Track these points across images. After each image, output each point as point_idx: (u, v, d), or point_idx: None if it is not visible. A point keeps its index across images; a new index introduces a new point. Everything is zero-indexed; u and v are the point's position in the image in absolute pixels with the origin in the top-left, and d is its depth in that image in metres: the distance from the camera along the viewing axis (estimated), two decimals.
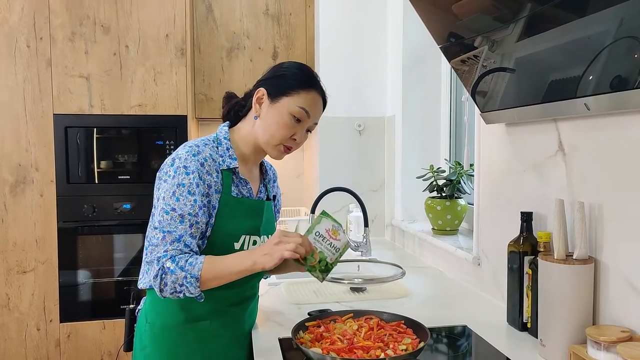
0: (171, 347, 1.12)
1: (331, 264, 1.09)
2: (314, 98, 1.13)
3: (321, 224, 1.07)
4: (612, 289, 0.99)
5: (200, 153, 1.09)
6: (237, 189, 1.14)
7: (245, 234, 1.14)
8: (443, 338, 1.19)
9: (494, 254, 1.44)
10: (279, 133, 1.11)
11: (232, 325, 1.18)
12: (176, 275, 0.99)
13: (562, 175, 1.14)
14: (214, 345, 1.14)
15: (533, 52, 1.05)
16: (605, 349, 0.91)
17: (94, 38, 2.26)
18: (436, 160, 2.22)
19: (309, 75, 1.15)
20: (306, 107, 1.11)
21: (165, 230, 1.03)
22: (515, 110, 1.19)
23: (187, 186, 1.05)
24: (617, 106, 0.89)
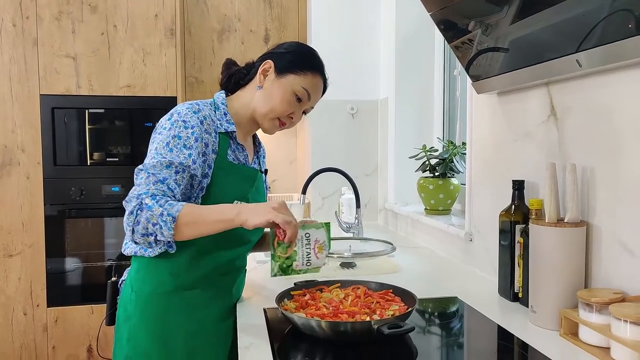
0: (158, 316, 1.07)
1: (292, 269, 1.01)
2: (318, 83, 1.15)
3: (318, 231, 1.02)
4: (605, 251, 0.97)
5: (200, 111, 1.07)
6: (234, 154, 1.13)
7: (237, 199, 1.12)
8: (433, 307, 1.16)
9: (486, 229, 1.41)
10: (279, 108, 1.12)
11: (221, 296, 1.15)
12: (152, 212, 0.92)
13: (554, 141, 1.12)
14: (204, 315, 1.11)
15: (527, 33, 1.04)
16: (597, 310, 0.88)
17: (81, 17, 2.21)
18: (429, 143, 2.19)
19: (318, 60, 1.17)
20: (309, 89, 1.13)
21: (150, 172, 0.99)
22: (507, 76, 1.17)
23: (184, 139, 1.02)
24: (609, 59, 0.86)
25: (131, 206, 0.95)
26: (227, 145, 1.11)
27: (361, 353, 0.88)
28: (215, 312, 1.13)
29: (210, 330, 1.12)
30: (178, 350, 1.07)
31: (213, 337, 1.12)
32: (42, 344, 2.26)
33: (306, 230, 1.03)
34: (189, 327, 1.08)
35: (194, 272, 1.08)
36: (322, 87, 1.18)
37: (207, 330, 1.11)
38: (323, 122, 2.42)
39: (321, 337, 0.93)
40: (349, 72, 2.42)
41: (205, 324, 1.11)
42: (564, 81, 1.07)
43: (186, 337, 1.08)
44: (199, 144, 1.03)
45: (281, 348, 0.92)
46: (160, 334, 1.07)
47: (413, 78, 2.20)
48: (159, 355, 1.07)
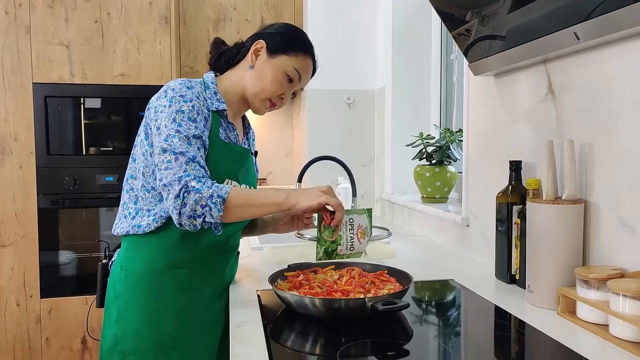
0: (148, 295, 1.06)
1: (337, 254, 1.04)
2: (308, 64, 1.15)
3: (361, 217, 1.04)
4: (603, 228, 0.95)
5: (193, 87, 1.07)
6: (225, 132, 1.13)
7: (228, 177, 1.11)
8: (429, 288, 1.15)
9: (483, 214, 1.39)
10: (271, 88, 1.11)
11: (213, 276, 1.14)
12: (201, 195, 0.93)
13: (551, 119, 1.10)
14: (194, 295, 1.09)
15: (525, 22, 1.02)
16: (595, 287, 0.86)
17: (74, 5, 2.19)
18: (427, 132, 2.17)
19: (308, 42, 1.17)
20: (301, 70, 1.12)
21: (176, 151, 0.97)
22: (504, 54, 1.15)
23: (187, 112, 1.01)
24: (608, 29, 0.84)
25: (176, 190, 0.95)
26: (219, 124, 1.10)
27: (355, 332, 0.87)
28: (206, 292, 1.11)
29: (200, 311, 1.10)
30: (167, 330, 1.06)
31: (203, 317, 1.10)
32: (36, 335, 2.24)
33: (350, 216, 1.04)
34: (179, 307, 1.07)
35: (184, 250, 1.07)
36: (312, 69, 1.18)
37: (197, 310, 1.10)
38: (319, 113, 2.40)
39: (315, 316, 0.91)
40: (346, 62, 2.40)
41: (196, 304, 1.10)
42: (561, 58, 1.05)
43: (176, 316, 1.07)
44: (200, 116, 1.04)
45: (274, 327, 0.90)
46: (150, 313, 1.06)
47: (410, 66, 2.19)
48: (149, 334, 1.05)
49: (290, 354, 0.81)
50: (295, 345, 0.84)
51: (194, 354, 1.10)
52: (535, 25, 1.02)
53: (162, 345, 1.06)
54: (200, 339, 1.10)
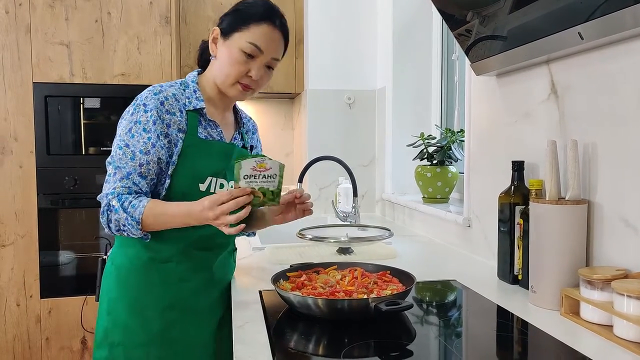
0: (135, 289, 1.09)
1: (277, 189, 1.02)
2: (266, 32, 1.07)
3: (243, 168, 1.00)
4: (607, 229, 0.95)
5: (161, 92, 1.07)
6: (206, 130, 1.12)
7: (212, 175, 1.11)
8: (431, 289, 1.14)
9: (485, 214, 1.39)
10: (232, 71, 1.07)
11: (199, 270, 1.14)
12: (119, 216, 1.00)
13: (554, 120, 1.10)
14: (179, 289, 1.11)
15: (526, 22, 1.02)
16: (599, 288, 0.86)
17: (74, 4, 2.18)
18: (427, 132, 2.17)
19: (262, 8, 1.08)
20: (256, 41, 1.06)
21: (116, 165, 1.04)
22: (506, 54, 1.15)
23: (143, 123, 1.04)
24: (612, 29, 0.84)
25: (102, 206, 1.03)
26: (197, 123, 1.10)
27: (359, 332, 0.86)
28: (192, 286, 1.12)
29: (186, 304, 1.12)
30: (155, 323, 1.08)
31: (190, 311, 1.12)
32: (36, 335, 2.23)
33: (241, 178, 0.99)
34: (165, 300, 1.09)
35: (169, 246, 1.09)
36: (276, 35, 1.09)
37: (183, 304, 1.11)
38: (319, 113, 2.39)
39: (318, 316, 0.91)
40: (346, 62, 2.40)
41: (182, 298, 1.11)
42: (565, 58, 1.05)
43: (162, 309, 1.09)
44: (157, 126, 1.04)
45: (277, 328, 0.90)
46: (137, 307, 1.09)
47: (411, 66, 2.18)
48: (136, 327, 1.08)
49: (293, 355, 0.80)
50: (299, 346, 0.84)
51: (184, 348, 1.11)
52: (536, 25, 1.01)
53: (149, 338, 1.08)
54: (189, 335, 1.11)
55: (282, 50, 1.12)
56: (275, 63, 1.12)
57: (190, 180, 1.09)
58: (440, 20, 2.10)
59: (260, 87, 1.13)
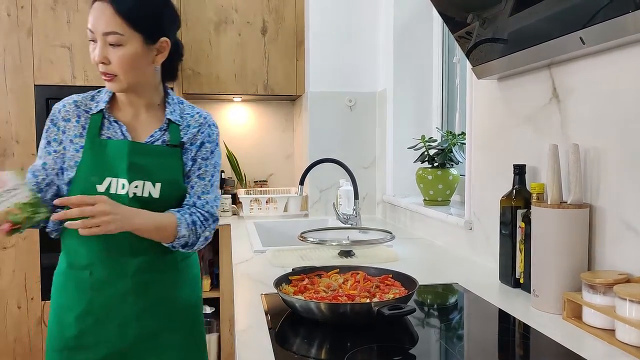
0: (55, 294, 1.14)
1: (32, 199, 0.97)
2: (93, 10, 1.04)
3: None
4: (609, 233, 0.95)
5: (64, 101, 1.14)
6: (109, 131, 1.12)
7: (110, 176, 1.08)
8: (433, 293, 1.15)
9: (486, 217, 1.40)
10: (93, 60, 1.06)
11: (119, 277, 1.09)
12: None
13: (556, 124, 1.10)
14: (97, 297, 1.09)
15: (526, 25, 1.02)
16: (601, 292, 0.86)
17: (76, 7, 2.19)
18: (428, 134, 2.17)
19: None
20: (89, 25, 1.03)
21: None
22: (508, 58, 1.15)
23: (45, 136, 1.13)
24: (613, 35, 0.84)
25: None
26: (100, 125, 1.12)
27: (361, 336, 0.86)
28: (111, 293, 1.09)
29: (102, 311, 1.09)
30: (70, 329, 1.10)
31: (107, 318, 1.09)
32: (37, 337, 2.23)
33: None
34: (80, 307, 1.10)
35: (84, 252, 1.10)
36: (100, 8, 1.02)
37: (98, 311, 1.09)
38: (320, 115, 2.40)
39: (320, 320, 0.91)
40: (347, 64, 2.40)
41: (99, 305, 1.09)
42: (566, 62, 1.05)
43: (77, 316, 1.10)
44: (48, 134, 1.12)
45: (279, 332, 0.90)
46: (56, 312, 1.13)
47: (411, 69, 2.19)
48: (55, 332, 1.12)
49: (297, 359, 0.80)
50: (301, 350, 0.84)
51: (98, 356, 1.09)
52: (537, 29, 1.02)
53: (64, 344, 1.10)
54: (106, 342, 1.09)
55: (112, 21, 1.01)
56: (112, 38, 1.01)
57: (87, 182, 1.08)
58: (441, 23, 2.11)
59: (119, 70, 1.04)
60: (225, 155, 2.77)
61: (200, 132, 1.19)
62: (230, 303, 2.39)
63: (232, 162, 2.76)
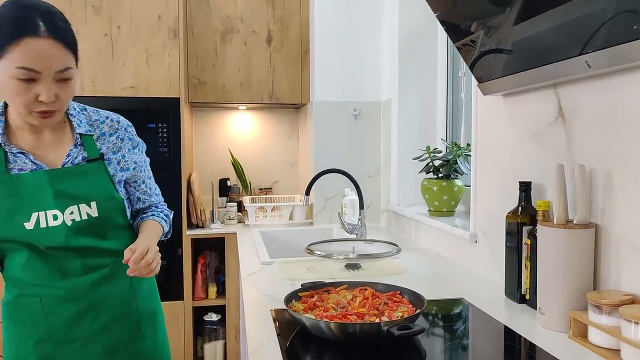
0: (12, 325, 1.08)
1: None
2: (32, 48, 0.88)
3: None
4: (614, 253, 0.97)
5: None
6: (17, 165, 1.01)
7: (37, 210, 1.00)
8: (440, 309, 1.16)
9: (492, 230, 1.41)
10: (17, 102, 0.93)
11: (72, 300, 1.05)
12: None
13: (562, 142, 1.12)
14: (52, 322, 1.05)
15: (531, 34, 1.04)
16: (607, 312, 0.88)
17: (84, 18, 2.21)
18: (433, 144, 2.19)
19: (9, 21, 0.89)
20: (26, 63, 0.88)
21: None
22: (514, 77, 1.17)
23: None
24: (619, 60, 0.86)
25: None
26: (4, 159, 1.00)
27: (370, 355, 0.88)
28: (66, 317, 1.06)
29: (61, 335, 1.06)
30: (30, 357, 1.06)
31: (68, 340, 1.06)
32: None
33: None
34: (36, 335, 1.05)
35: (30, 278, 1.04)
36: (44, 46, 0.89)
37: (57, 335, 1.06)
38: (325, 124, 2.42)
39: (330, 339, 0.93)
40: (352, 74, 2.42)
41: (55, 331, 1.06)
42: (572, 82, 1.07)
43: (35, 344, 1.05)
44: None
45: (290, 349, 0.92)
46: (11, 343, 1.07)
47: (416, 79, 2.21)
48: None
49: None
50: None
51: None
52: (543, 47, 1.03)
53: None
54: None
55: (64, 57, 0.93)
56: (66, 74, 0.94)
57: (12, 223, 0.99)
58: (446, 37, 2.12)
59: (65, 104, 0.98)
60: (231, 162, 2.79)
61: (119, 138, 1.13)
62: (236, 311, 2.41)
63: (237, 169, 2.78)
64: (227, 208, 2.56)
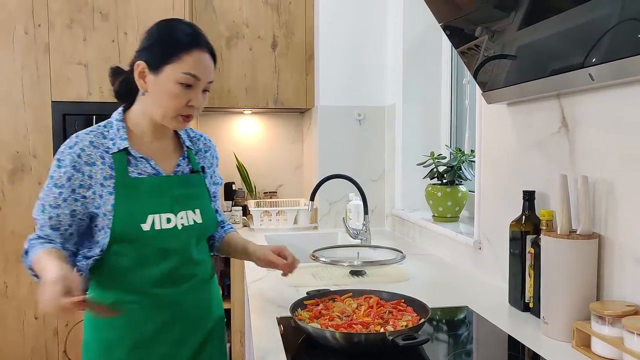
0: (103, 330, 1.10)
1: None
2: (198, 58, 1.03)
3: None
4: (618, 264, 0.98)
5: (77, 144, 1.05)
6: (137, 168, 1.09)
7: (154, 213, 1.07)
8: (444, 317, 1.17)
9: (496, 238, 1.42)
10: (172, 105, 1.04)
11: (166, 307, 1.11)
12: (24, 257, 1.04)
13: (565, 152, 1.12)
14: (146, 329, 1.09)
15: (535, 39, 1.04)
16: (610, 323, 0.89)
17: (92, 25, 2.24)
18: (437, 150, 2.20)
19: (188, 35, 1.05)
20: (192, 70, 1.02)
21: (34, 216, 1.07)
22: (518, 87, 1.18)
23: (55, 179, 1.04)
24: (622, 74, 0.87)
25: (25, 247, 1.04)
26: (126, 162, 1.07)
27: None
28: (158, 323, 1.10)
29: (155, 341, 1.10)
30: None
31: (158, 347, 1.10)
32: (53, 348, 2.28)
33: None
34: (132, 339, 1.09)
35: (128, 287, 1.08)
36: (207, 58, 1.05)
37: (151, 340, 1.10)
38: (330, 128, 2.43)
39: (335, 347, 0.94)
40: (357, 78, 2.43)
41: (148, 337, 1.09)
42: (576, 93, 1.08)
43: (130, 348, 1.08)
44: (72, 181, 1.03)
45: (296, 357, 0.93)
46: (107, 346, 1.09)
47: (420, 85, 2.21)
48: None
49: None
50: None
51: None
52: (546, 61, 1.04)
53: None
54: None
55: (213, 72, 1.09)
56: (210, 86, 1.09)
57: (129, 224, 1.05)
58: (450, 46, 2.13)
59: (199, 111, 1.09)
60: (236, 166, 2.81)
61: (212, 156, 1.26)
62: (242, 314, 2.43)
63: (242, 173, 2.80)
64: (232, 212, 2.58)
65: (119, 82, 1.15)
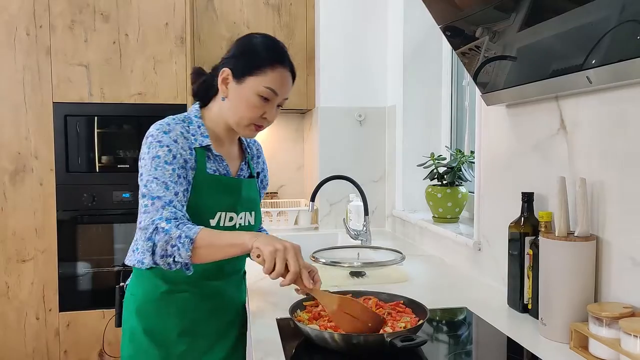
0: (153, 317, 1.15)
1: None
2: (281, 75, 1.09)
3: None
4: (615, 266, 0.98)
5: (171, 131, 1.08)
6: (214, 166, 1.14)
7: (221, 210, 1.13)
8: (443, 319, 1.18)
9: (495, 239, 1.42)
10: (248, 114, 1.09)
11: (211, 297, 1.20)
12: (170, 235, 0.96)
13: (564, 154, 1.13)
14: (194, 315, 1.17)
15: (535, 41, 1.05)
16: (607, 325, 0.89)
17: (93, 26, 2.25)
18: (437, 150, 2.20)
19: (275, 51, 1.10)
20: (273, 86, 1.08)
21: (154, 196, 1.01)
22: (517, 89, 1.18)
23: (163, 157, 1.04)
24: (619, 77, 0.87)
25: (148, 232, 0.98)
26: (206, 159, 1.12)
27: None
28: (205, 311, 1.19)
29: (201, 328, 1.18)
30: (173, 347, 1.15)
31: (205, 333, 1.18)
32: (54, 348, 2.29)
33: None
34: (181, 326, 1.15)
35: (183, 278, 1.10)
36: (288, 77, 1.11)
37: (198, 327, 1.18)
38: (331, 129, 2.43)
39: (334, 349, 0.94)
40: (357, 79, 2.44)
41: (196, 322, 1.18)
42: (574, 95, 1.08)
43: (179, 334, 1.15)
44: (177, 160, 1.05)
45: (295, 358, 0.94)
46: (157, 334, 1.15)
47: (421, 86, 2.22)
48: (158, 352, 1.14)
49: None
50: None
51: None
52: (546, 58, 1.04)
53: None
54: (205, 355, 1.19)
55: (291, 89, 1.15)
56: (285, 102, 1.14)
57: (201, 216, 1.09)
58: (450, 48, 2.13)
59: (270, 124, 1.16)
60: None
61: (263, 162, 1.34)
62: None
63: None
64: None
65: (199, 83, 1.20)
